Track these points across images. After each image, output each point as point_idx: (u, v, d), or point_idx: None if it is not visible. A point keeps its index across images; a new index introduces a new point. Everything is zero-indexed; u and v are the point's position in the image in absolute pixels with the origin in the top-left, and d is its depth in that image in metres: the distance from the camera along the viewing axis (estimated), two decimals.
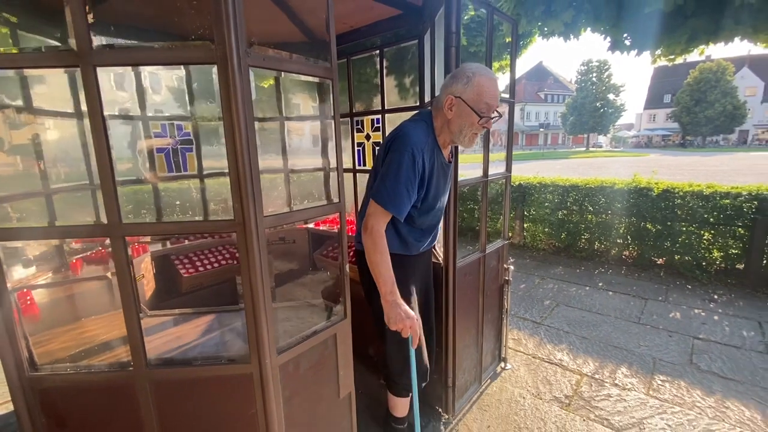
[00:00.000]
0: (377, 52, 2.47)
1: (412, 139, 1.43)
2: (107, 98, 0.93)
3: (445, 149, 1.58)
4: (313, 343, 1.27)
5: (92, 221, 2.02)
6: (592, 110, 40.60)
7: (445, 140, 1.55)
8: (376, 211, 1.41)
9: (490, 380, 2.40)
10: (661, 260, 4.36)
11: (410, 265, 1.66)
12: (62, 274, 1.89)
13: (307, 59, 1.16)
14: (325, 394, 1.37)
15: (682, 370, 2.49)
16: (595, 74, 41.09)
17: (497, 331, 2.46)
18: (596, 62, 41.01)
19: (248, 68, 0.94)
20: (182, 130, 2.27)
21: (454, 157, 1.72)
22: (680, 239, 4.01)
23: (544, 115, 57.23)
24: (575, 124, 42.18)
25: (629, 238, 4.45)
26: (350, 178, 2.74)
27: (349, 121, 2.66)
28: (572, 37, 3.54)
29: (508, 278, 2.38)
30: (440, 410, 2.07)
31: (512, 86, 2.27)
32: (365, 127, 2.61)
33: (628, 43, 3.44)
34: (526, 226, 5.25)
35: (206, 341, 1.47)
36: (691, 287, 3.85)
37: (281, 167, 2.79)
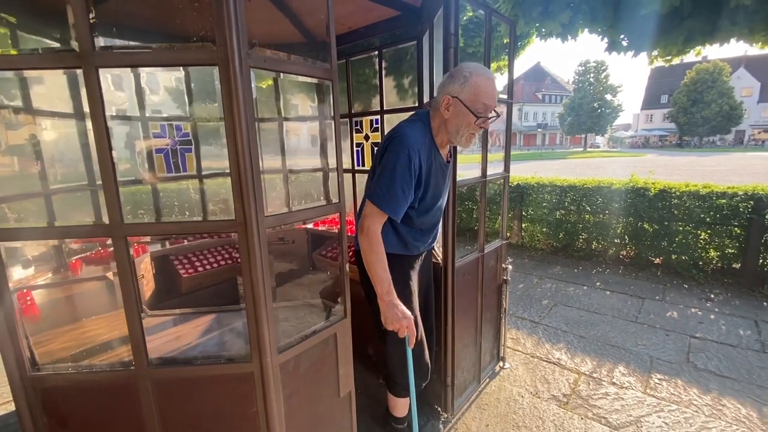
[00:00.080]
0: (376, 53, 2.47)
1: (408, 139, 1.42)
2: (106, 99, 0.93)
3: (443, 149, 1.57)
4: (313, 342, 1.27)
5: (91, 222, 2.03)
6: (589, 111, 40.69)
7: (442, 140, 1.54)
8: (372, 211, 1.41)
9: (488, 379, 2.42)
10: (658, 260, 4.39)
11: (410, 265, 1.66)
12: (62, 274, 1.89)
13: (306, 60, 1.16)
14: (325, 393, 1.38)
15: (679, 368, 2.51)
16: (592, 75, 41.16)
17: (496, 330, 2.47)
18: (594, 63, 41.09)
19: (249, 69, 0.95)
20: (181, 130, 2.27)
21: (452, 157, 1.72)
22: (677, 239, 4.03)
23: (542, 115, 57.34)
24: (573, 124, 42.25)
25: (626, 237, 4.47)
26: (349, 178, 2.75)
27: (348, 121, 2.67)
28: (570, 38, 3.56)
29: (506, 278, 2.40)
30: (439, 409, 2.08)
31: (510, 87, 2.28)
32: (364, 127, 2.61)
33: (625, 44, 3.46)
34: (524, 226, 5.26)
35: (206, 341, 1.48)
36: (688, 286, 3.87)
37: (280, 168, 2.80)
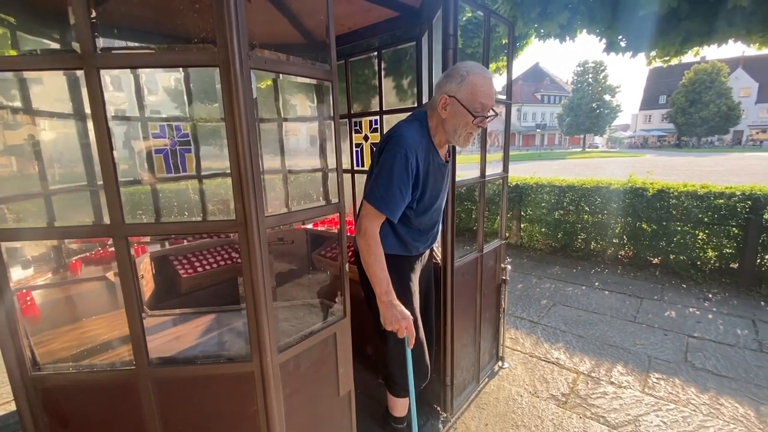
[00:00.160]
0: (375, 53, 2.48)
1: (405, 139, 1.41)
2: (106, 99, 0.94)
3: (441, 149, 1.56)
4: (313, 341, 1.28)
5: (91, 222, 2.03)
6: (588, 111, 40.75)
7: (440, 140, 1.53)
8: (369, 212, 1.40)
9: (488, 379, 2.42)
10: (656, 260, 4.40)
11: (410, 265, 1.66)
12: (62, 274, 1.90)
13: (306, 61, 1.17)
14: (325, 392, 1.38)
15: (677, 367, 2.52)
16: (591, 75, 41.22)
17: (495, 330, 2.48)
18: (592, 63, 41.15)
19: (250, 71, 0.96)
20: (181, 131, 2.27)
21: (451, 157, 1.72)
22: (675, 239, 4.05)
23: (540, 115, 57.42)
24: (572, 124, 42.31)
25: (625, 237, 4.48)
26: (348, 178, 2.75)
27: (347, 122, 2.67)
28: (568, 38, 3.58)
29: (505, 278, 2.40)
30: (439, 409, 2.09)
31: (509, 87, 2.29)
32: (363, 128, 2.62)
33: (623, 44, 3.47)
34: (523, 226, 5.28)
35: (207, 341, 1.48)
36: (686, 286, 3.89)
37: (279, 168, 2.80)
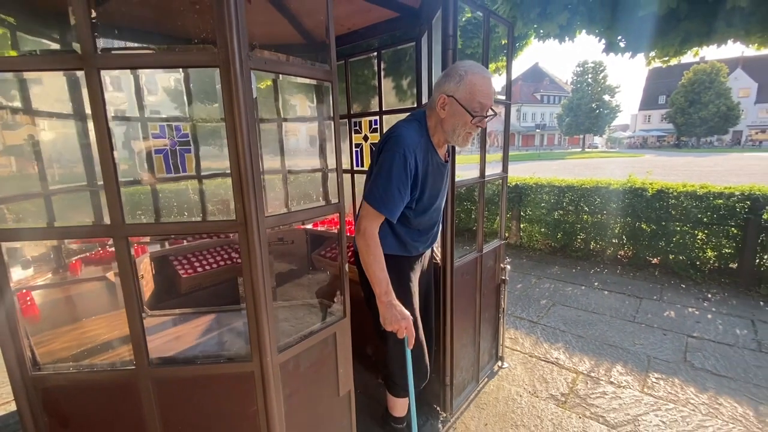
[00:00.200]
0: (375, 54, 2.48)
1: (404, 139, 1.41)
2: (106, 99, 0.94)
3: (440, 149, 1.56)
4: (313, 341, 1.28)
5: (90, 222, 2.03)
6: (587, 111, 40.78)
7: (439, 140, 1.52)
8: (368, 212, 1.40)
9: (487, 379, 2.43)
10: (655, 260, 4.41)
11: (410, 266, 1.65)
12: (62, 274, 1.90)
13: (306, 62, 1.17)
14: (324, 392, 1.39)
15: (676, 367, 2.52)
16: (590, 75, 41.25)
17: (494, 330, 2.48)
18: (592, 63, 41.18)
19: (250, 71, 0.96)
20: (180, 131, 2.27)
21: (451, 157, 1.71)
22: (674, 239, 4.06)
23: (540, 116, 57.47)
24: (571, 125, 42.34)
25: (624, 238, 4.49)
26: (348, 179, 2.76)
27: (347, 122, 2.68)
28: (567, 39, 3.58)
29: (504, 278, 2.41)
30: (438, 408, 2.09)
31: (508, 88, 2.29)
32: (363, 128, 2.62)
33: (622, 45, 3.48)
34: (522, 226, 5.28)
35: (206, 340, 1.48)
36: (685, 286, 3.89)
37: (279, 168, 2.81)
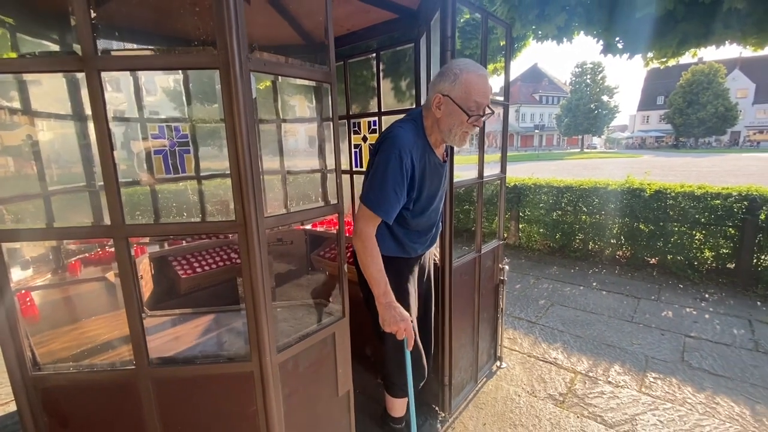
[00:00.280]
0: (374, 55, 2.49)
1: (399, 140, 1.40)
2: (106, 100, 0.95)
3: (437, 149, 1.55)
4: (312, 341, 1.29)
5: (90, 222, 2.03)
6: (586, 112, 40.87)
7: (436, 140, 1.51)
8: (364, 214, 1.39)
9: (486, 379, 2.43)
10: (653, 260, 4.42)
11: (408, 267, 1.65)
12: (61, 275, 1.90)
13: (305, 63, 1.18)
14: (323, 392, 1.39)
15: (673, 367, 2.53)
16: (589, 76, 41.34)
17: (493, 330, 2.49)
18: (590, 64, 41.26)
19: (249, 73, 0.97)
20: (180, 131, 2.28)
21: (449, 157, 1.71)
22: (672, 239, 4.07)
23: (539, 116, 57.55)
24: (570, 125, 42.43)
25: (622, 238, 4.50)
26: (347, 179, 2.76)
27: (346, 123, 2.68)
28: (565, 40, 3.60)
29: (503, 278, 2.42)
30: (437, 408, 2.10)
31: (506, 89, 2.30)
32: (362, 129, 2.63)
33: (620, 46, 3.50)
34: (521, 226, 5.29)
35: (206, 341, 1.49)
36: (683, 286, 3.91)
37: (278, 169, 2.81)
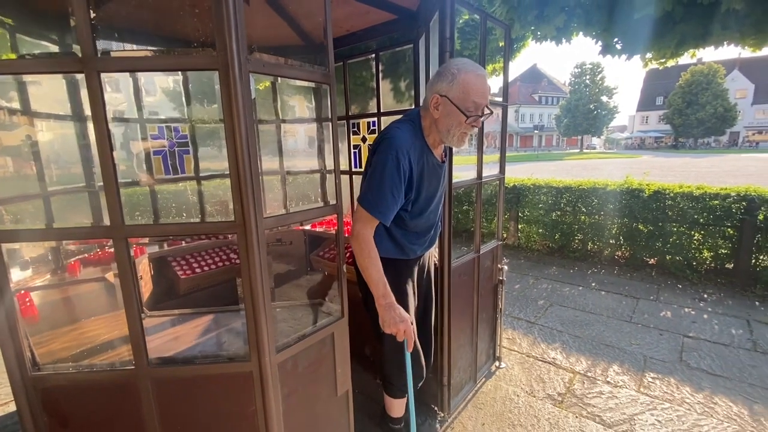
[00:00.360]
0: (373, 55, 2.50)
1: (397, 141, 1.39)
2: (105, 101, 0.95)
3: (435, 149, 1.54)
4: (311, 341, 1.29)
5: (89, 223, 2.04)
6: (585, 112, 40.92)
7: (434, 140, 1.50)
8: (362, 216, 1.38)
9: (485, 379, 2.44)
10: (652, 260, 4.43)
11: (407, 268, 1.64)
12: (60, 275, 1.90)
13: (304, 65, 1.18)
14: (322, 391, 1.40)
15: (672, 367, 2.54)
16: (588, 77, 41.38)
17: (492, 330, 2.49)
18: (589, 65, 41.31)
19: (249, 74, 0.97)
20: (179, 132, 2.28)
21: (447, 157, 1.70)
22: (671, 240, 4.08)
23: (538, 116, 57.62)
24: (569, 125, 42.47)
25: (621, 238, 4.51)
26: (346, 180, 2.77)
27: (345, 123, 2.69)
28: (564, 41, 3.61)
29: (502, 278, 2.42)
30: (436, 408, 2.10)
31: (505, 89, 2.31)
32: (361, 129, 2.64)
33: (618, 47, 3.51)
34: (520, 227, 5.30)
35: (205, 341, 1.49)
36: (681, 286, 3.92)
37: (278, 169, 2.82)
